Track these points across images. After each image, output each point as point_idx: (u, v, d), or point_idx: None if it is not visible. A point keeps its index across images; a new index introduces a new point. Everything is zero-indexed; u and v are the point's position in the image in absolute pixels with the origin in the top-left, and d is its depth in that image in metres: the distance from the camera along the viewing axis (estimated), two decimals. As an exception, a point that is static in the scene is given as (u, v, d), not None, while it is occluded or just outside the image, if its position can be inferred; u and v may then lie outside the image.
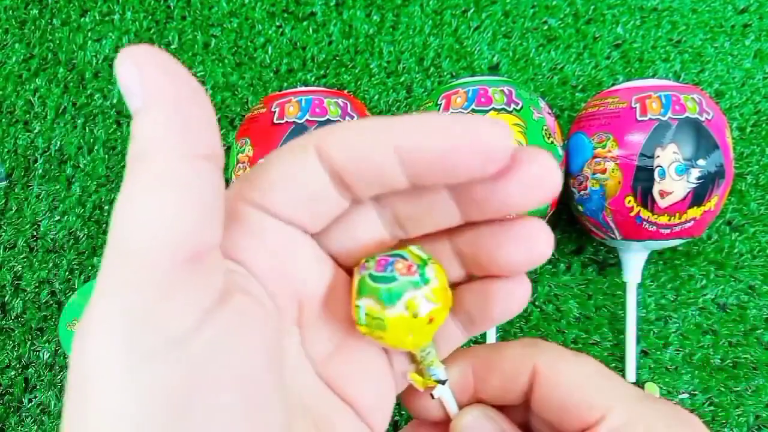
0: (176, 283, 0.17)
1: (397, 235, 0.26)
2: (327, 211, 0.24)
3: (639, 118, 0.43)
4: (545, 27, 0.56)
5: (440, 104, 0.44)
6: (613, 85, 0.50)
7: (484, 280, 0.27)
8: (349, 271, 0.26)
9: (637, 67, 0.55)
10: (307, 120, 0.43)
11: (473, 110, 0.43)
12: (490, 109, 0.43)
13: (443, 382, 0.27)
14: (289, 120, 0.43)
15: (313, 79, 0.56)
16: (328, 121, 0.43)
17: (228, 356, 0.18)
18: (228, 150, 0.55)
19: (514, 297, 0.28)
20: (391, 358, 0.27)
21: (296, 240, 0.24)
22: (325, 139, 0.22)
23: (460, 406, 0.28)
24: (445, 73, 0.56)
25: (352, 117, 0.44)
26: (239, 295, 0.20)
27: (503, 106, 0.43)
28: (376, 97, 0.56)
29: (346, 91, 0.55)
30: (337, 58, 0.57)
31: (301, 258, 0.24)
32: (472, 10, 0.57)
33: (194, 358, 0.17)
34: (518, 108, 0.43)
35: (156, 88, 0.18)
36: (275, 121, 0.43)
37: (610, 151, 0.43)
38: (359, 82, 0.56)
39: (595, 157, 0.44)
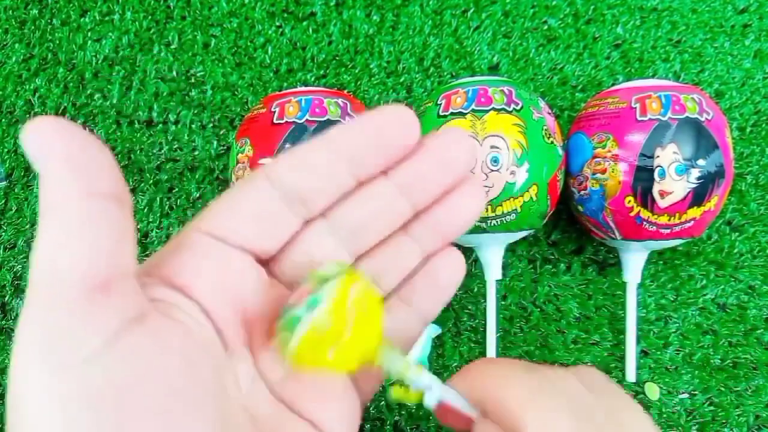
0: (84, 309, 0.19)
1: (354, 250, 0.28)
2: (277, 233, 0.27)
3: (639, 118, 0.43)
4: (545, 27, 0.56)
5: (440, 104, 0.44)
6: (613, 85, 0.50)
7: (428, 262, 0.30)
8: None
9: (637, 67, 0.55)
10: (306, 120, 0.43)
11: (473, 110, 0.43)
12: (490, 109, 0.42)
13: (430, 388, 0.26)
14: (289, 120, 0.43)
15: (313, 79, 0.56)
16: (328, 121, 0.43)
17: (139, 372, 0.20)
18: (228, 150, 0.55)
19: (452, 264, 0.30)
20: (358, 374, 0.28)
21: (244, 265, 0.25)
22: (274, 165, 0.26)
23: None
24: (445, 73, 0.56)
25: (352, 117, 0.44)
26: (156, 318, 0.21)
27: (503, 106, 0.43)
28: (376, 97, 0.56)
29: (346, 91, 0.55)
30: (337, 58, 0.57)
31: (250, 282, 0.26)
32: (472, 10, 0.57)
33: (105, 372, 0.19)
34: (518, 108, 0.43)
35: (49, 147, 0.19)
36: (275, 121, 0.43)
37: (610, 151, 0.43)
38: (359, 82, 0.56)
39: (595, 157, 0.44)
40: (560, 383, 0.26)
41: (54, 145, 0.19)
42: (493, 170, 0.42)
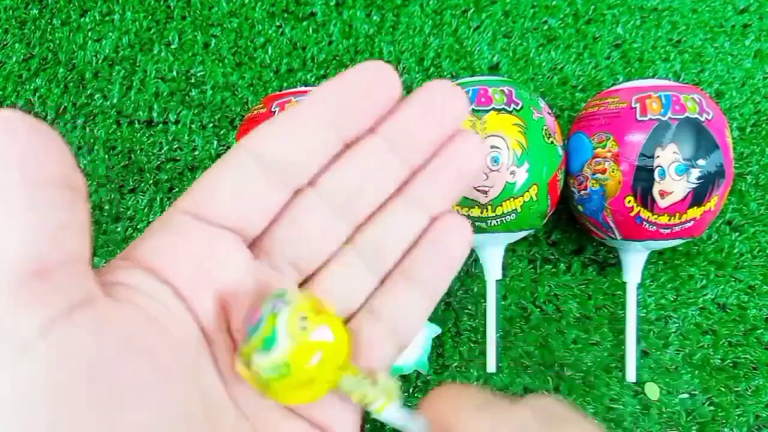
0: (17, 297, 0.18)
1: (349, 219, 0.27)
2: (263, 207, 0.25)
3: (639, 118, 0.43)
4: (545, 27, 0.56)
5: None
6: (613, 85, 0.50)
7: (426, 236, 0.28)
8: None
9: (637, 67, 0.55)
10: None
11: (473, 110, 0.43)
12: (490, 109, 0.43)
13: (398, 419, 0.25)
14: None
15: (313, 79, 0.56)
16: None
17: (78, 361, 0.18)
18: (228, 150, 0.55)
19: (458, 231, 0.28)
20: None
21: (228, 246, 0.24)
22: (254, 136, 0.25)
23: None
24: (445, 73, 0.56)
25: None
26: (105, 304, 0.20)
27: (503, 106, 0.43)
28: (376, 97, 0.56)
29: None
30: (337, 58, 0.57)
31: (234, 264, 0.24)
32: (472, 10, 0.57)
33: (38, 363, 0.18)
34: (518, 108, 0.43)
35: None
36: (275, 121, 0.43)
37: (610, 151, 0.43)
38: (359, 82, 0.56)
39: (595, 157, 0.44)
40: (514, 421, 0.24)
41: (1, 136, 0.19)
42: (493, 170, 0.42)
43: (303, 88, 0.46)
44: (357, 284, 0.27)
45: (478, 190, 0.42)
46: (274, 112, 0.44)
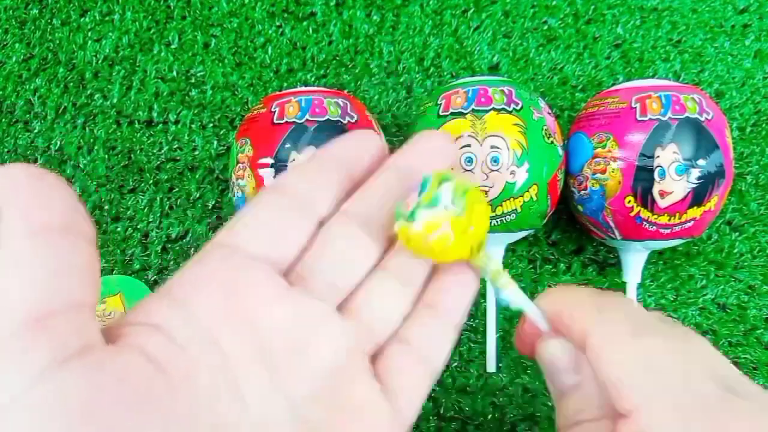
0: (13, 345, 0.18)
1: (379, 240, 0.29)
2: (293, 236, 0.27)
3: (639, 118, 0.43)
4: (545, 27, 0.56)
5: (440, 104, 0.44)
6: (613, 85, 0.50)
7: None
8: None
9: (637, 67, 0.55)
10: (306, 120, 0.43)
11: (473, 110, 0.43)
12: (490, 109, 0.42)
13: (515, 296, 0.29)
14: (289, 120, 0.43)
15: (313, 79, 0.56)
16: (328, 121, 0.43)
17: (67, 413, 0.18)
18: (228, 150, 0.55)
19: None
20: (394, 397, 0.27)
21: (260, 275, 0.25)
22: (280, 178, 0.29)
23: None
24: (445, 73, 0.56)
25: (351, 116, 0.44)
26: (100, 351, 0.20)
27: (503, 106, 0.43)
28: (376, 97, 0.56)
29: (346, 91, 0.55)
30: (337, 58, 0.57)
31: (265, 293, 0.25)
32: (472, 10, 0.57)
33: (27, 415, 0.18)
34: (518, 108, 0.43)
35: None
36: (275, 121, 0.43)
37: (610, 151, 0.43)
38: (359, 82, 0.56)
39: (595, 157, 0.44)
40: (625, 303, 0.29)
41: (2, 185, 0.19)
42: (493, 170, 0.42)
43: (303, 88, 0.46)
44: (394, 304, 0.29)
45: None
46: (274, 112, 0.44)
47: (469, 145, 0.42)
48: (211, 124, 0.56)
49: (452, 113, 0.43)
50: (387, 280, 0.29)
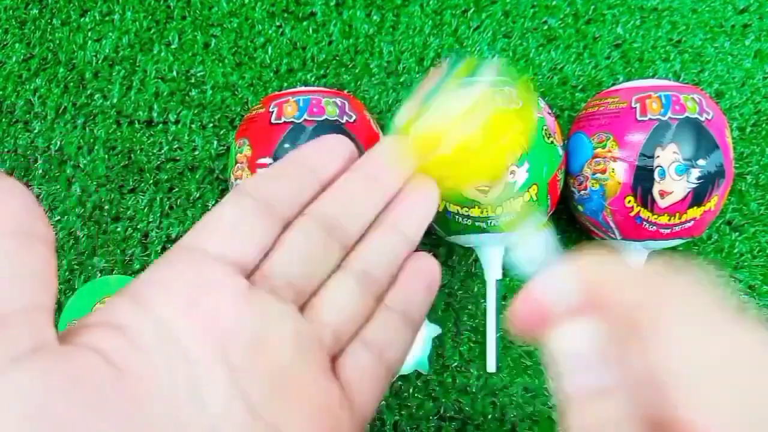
0: None
1: (342, 243, 0.29)
2: (257, 237, 0.27)
3: (639, 118, 0.43)
4: (545, 27, 0.56)
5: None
6: (613, 85, 0.50)
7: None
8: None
9: (637, 67, 0.55)
10: (305, 120, 0.43)
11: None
12: (490, 109, 0.43)
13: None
14: (287, 120, 0.43)
15: (313, 79, 0.56)
16: (326, 121, 0.43)
17: (22, 407, 0.18)
18: (228, 150, 0.55)
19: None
20: (352, 396, 0.27)
21: (223, 277, 0.25)
22: (247, 180, 0.30)
23: None
24: (445, 73, 0.56)
25: (350, 116, 0.44)
26: (53, 351, 0.20)
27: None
28: (376, 97, 0.56)
29: (345, 91, 0.55)
30: (337, 58, 0.57)
31: (228, 294, 0.25)
32: (472, 10, 0.57)
33: None
34: (518, 108, 0.43)
35: None
36: (273, 121, 0.43)
37: (610, 151, 0.43)
38: (359, 82, 0.56)
39: (595, 157, 0.44)
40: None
41: None
42: (493, 170, 0.42)
43: (302, 88, 0.46)
44: (354, 304, 0.29)
45: (479, 190, 0.42)
46: (272, 112, 0.44)
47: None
48: (211, 124, 0.56)
49: None
50: (348, 280, 0.29)
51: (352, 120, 0.44)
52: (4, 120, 0.57)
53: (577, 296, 0.22)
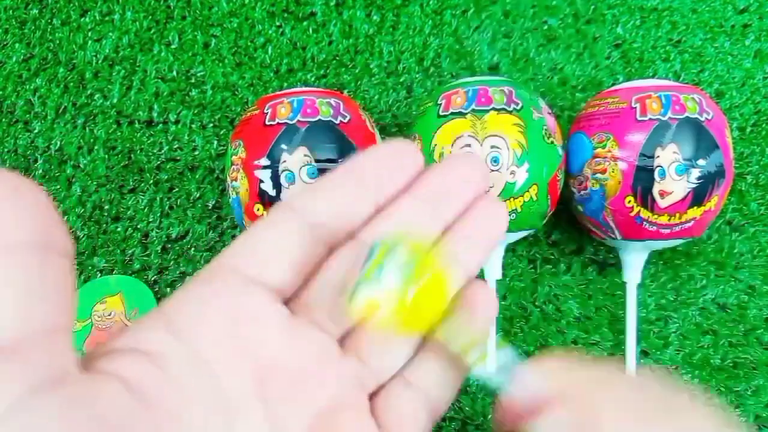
0: None
1: None
2: (301, 261, 0.25)
3: (639, 118, 0.43)
4: (545, 27, 0.56)
5: (440, 104, 0.44)
6: (613, 85, 0.50)
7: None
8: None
9: (637, 67, 0.55)
10: (298, 121, 0.43)
11: (473, 110, 0.43)
12: (490, 109, 0.42)
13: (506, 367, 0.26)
14: (280, 121, 0.43)
15: (313, 79, 0.56)
16: (320, 121, 0.43)
17: None
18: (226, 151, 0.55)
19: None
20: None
21: (262, 304, 0.24)
22: (296, 197, 0.26)
23: None
24: (445, 73, 0.56)
25: (344, 116, 0.44)
26: (75, 380, 0.18)
27: (503, 106, 0.43)
28: (376, 97, 0.56)
29: (345, 91, 0.55)
30: (337, 58, 0.57)
31: (268, 324, 0.24)
32: (472, 10, 0.57)
33: None
34: (518, 108, 0.43)
35: None
36: (267, 122, 0.43)
37: (610, 151, 0.43)
38: (359, 82, 0.56)
39: (595, 157, 0.44)
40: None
41: None
42: (493, 170, 0.42)
43: (296, 89, 0.45)
44: (399, 342, 0.27)
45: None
46: (266, 113, 0.44)
47: (469, 145, 0.42)
48: (211, 124, 0.56)
49: (452, 113, 0.43)
50: None
51: (346, 120, 0.44)
52: (4, 120, 0.57)
53: (544, 395, 0.25)
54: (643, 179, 0.42)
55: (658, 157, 0.42)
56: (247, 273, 0.24)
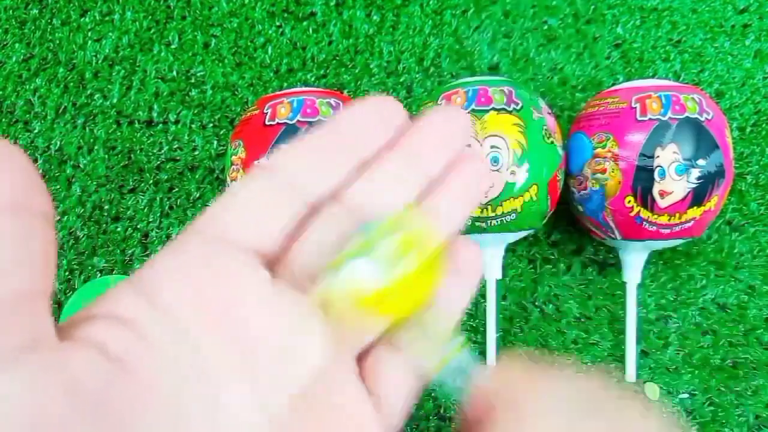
0: None
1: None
2: (281, 219, 0.23)
3: (639, 118, 0.43)
4: (545, 27, 0.56)
5: (440, 104, 0.44)
6: (613, 85, 0.50)
7: None
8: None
9: (637, 67, 0.55)
10: (298, 121, 0.43)
11: (473, 110, 0.43)
12: (490, 109, 0.42)
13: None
14: (280, 121, 0.43)
15: (313, 79, 0.56)
16: (320, 122, 0.42)
17: (13, 417, 0.16)
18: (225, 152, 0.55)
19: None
20: (380, 402, 0.24)
21: (241, 266, 0.22)
22: (274, 156, 0.24)
23: None
24: (445, 73, 0.56)
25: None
26: (50, 347, 0.17)
27: (503, 106, 0.43)
28: (376, 97, 0.56)
29: (345, 91, 0.55)
30: (337, 58, 0.57)
31: (248, 289, 0.22)
32: (472, 10, 0.57)
33: None
34: (518, 108, 0.43)
35: None
36: (267, 122, 0.43)
37: (610, 151, 0.43)
38: (359, 82, 0.56)
39: (595, 157, 0.44)
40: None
41: None
42: (493, 170, 0.42)
43: (297, 89, 0.45)
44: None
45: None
46: (266, 113, 0.43)
47: (468, 146, 0.42)
48: (211, 124, 0.55)
49: None
50: None
51: None
52: (4, 120, 0.57)
53: (487, 399, 0.25)
54: (643, 179, 0.42)
55: (658, 157, 0.42)
56: (224, 233, 0.22)
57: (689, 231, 0.44)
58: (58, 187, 0.55)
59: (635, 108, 0.43)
